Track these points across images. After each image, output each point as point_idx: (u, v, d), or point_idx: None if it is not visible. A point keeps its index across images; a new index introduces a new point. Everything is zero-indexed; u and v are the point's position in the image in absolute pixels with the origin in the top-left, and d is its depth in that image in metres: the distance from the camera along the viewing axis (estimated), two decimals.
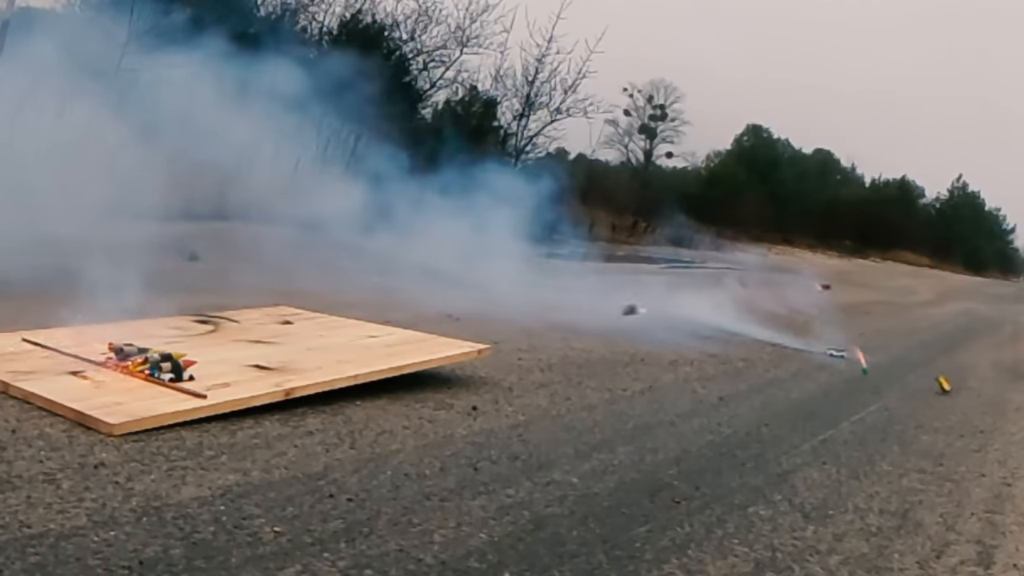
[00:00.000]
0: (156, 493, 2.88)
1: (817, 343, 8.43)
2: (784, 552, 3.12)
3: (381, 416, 4.14)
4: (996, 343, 12.21)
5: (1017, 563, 3.32)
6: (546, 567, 2.74)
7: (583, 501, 3.38)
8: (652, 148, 35.94)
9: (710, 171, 39.16)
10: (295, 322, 5.66)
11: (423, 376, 4.88)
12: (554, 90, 20.65)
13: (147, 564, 2.39)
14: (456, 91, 20.15)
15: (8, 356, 4.17)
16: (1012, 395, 7.41)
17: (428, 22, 17.92)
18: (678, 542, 3.09)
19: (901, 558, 3.21)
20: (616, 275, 14.15)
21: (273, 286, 7.38)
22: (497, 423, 4.34)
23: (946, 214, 44.28)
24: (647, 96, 35.14)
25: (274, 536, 2.68)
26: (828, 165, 42.50)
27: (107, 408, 3.53)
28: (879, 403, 6.21)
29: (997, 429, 5.83)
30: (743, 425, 5.00)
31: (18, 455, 3.06)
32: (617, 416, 4.83)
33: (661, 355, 6.99)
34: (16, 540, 2.41)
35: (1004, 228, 47.01)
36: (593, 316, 8.21)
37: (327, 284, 8.11)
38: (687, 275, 16.76)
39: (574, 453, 3.99)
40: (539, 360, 6.09)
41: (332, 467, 3.36)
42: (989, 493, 4.26)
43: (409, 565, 2.61)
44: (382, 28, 17.82)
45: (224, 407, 3.77)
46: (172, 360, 4.05)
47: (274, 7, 16.40)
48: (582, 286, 10.47)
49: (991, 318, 16.64)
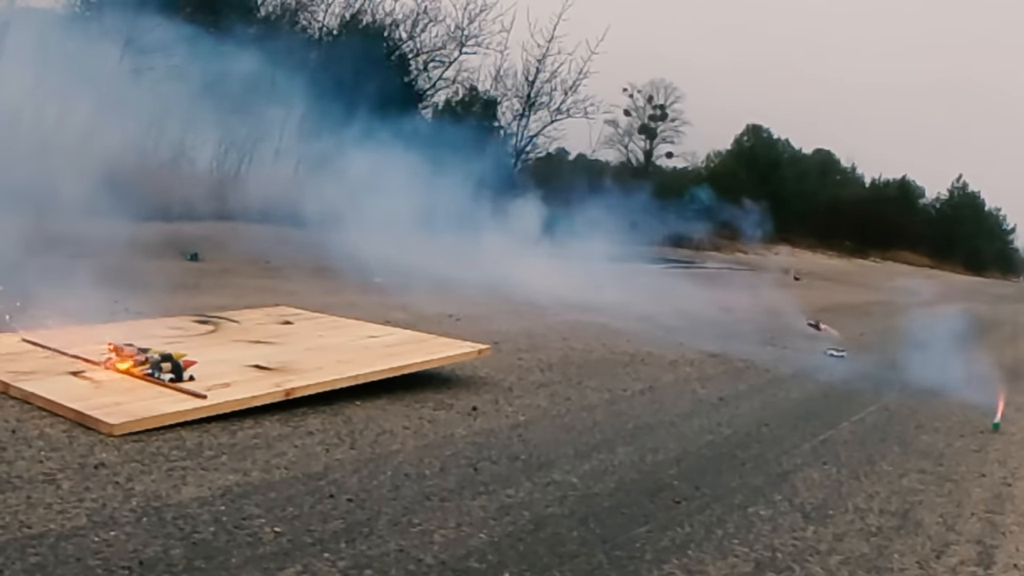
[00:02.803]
0: (156, 493, 2.88)
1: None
2: (784, 552, 3.12)
3: (381, 416, 4.14)
4: (996, 343, 12.20)
5: (1017, 563, 3.33)
6: (546, 567, 2.74)
7: (583, 501, 3.38)
8: (652, 148, 35.98)
9: (710, 171, 39.12)
10: (295, 322, 5.66)
11: (423, 376, 4.88)
12: (554, 90, 20.67)
13: (147, 564, 2.39)
14: (456, 91, 20.18)
15: (8, 356, 4.17)
16: (1012, 395, 7.40)
17: (428, 21, 17.94)
18: (678, 542, 3.09)
19: (901, 558, 3.21)
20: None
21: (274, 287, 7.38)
22: (497, 423, 4.34)
23: (946, 214, 44.23)
24: (647, 96, 35.18)
25: (274, 536, 2.68)
26: (828, 165, 42.45)
27: (107, 408, 3.53)
28: (879, 403, 6.21)
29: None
30: (743, 425, 5.00)
31: (18, 455, 3.06)
32: (617, 416, 4.83)
33: (661, 355, 6.99)
34: (16, 540, 2.41)
35: (1004, 228, 46.99)
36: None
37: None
38: (699, 275, 16.80)
39: (574, 453, 3.99)
40: (539, 360, 6.09)
41: (332, 467, 3.36)
42: (989, 493, 4.26)
43: (409, 565, 2.61)
44: (382, 28, 17.83)
45: (224, 407, 3.77)
46: (172, 360, 4.05)
47: (274, 7, 16.42)
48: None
49: (991, 318, 16.62)
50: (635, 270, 13.49)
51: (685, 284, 13.08)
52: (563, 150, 24.83)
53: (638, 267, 14.10)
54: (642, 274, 13.24)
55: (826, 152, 42.08)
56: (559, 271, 10.71)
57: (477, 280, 9.24)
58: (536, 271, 10.16)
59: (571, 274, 10.66)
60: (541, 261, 11.08)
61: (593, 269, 11.52)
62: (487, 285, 9.19)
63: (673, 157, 36.26)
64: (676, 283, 13.03)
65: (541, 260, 11.12)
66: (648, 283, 11.82)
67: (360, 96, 12.03)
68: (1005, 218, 46.51)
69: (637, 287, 10.89)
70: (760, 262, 22.73)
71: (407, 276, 8.92)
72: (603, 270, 11.71)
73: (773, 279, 15.98)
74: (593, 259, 11.93)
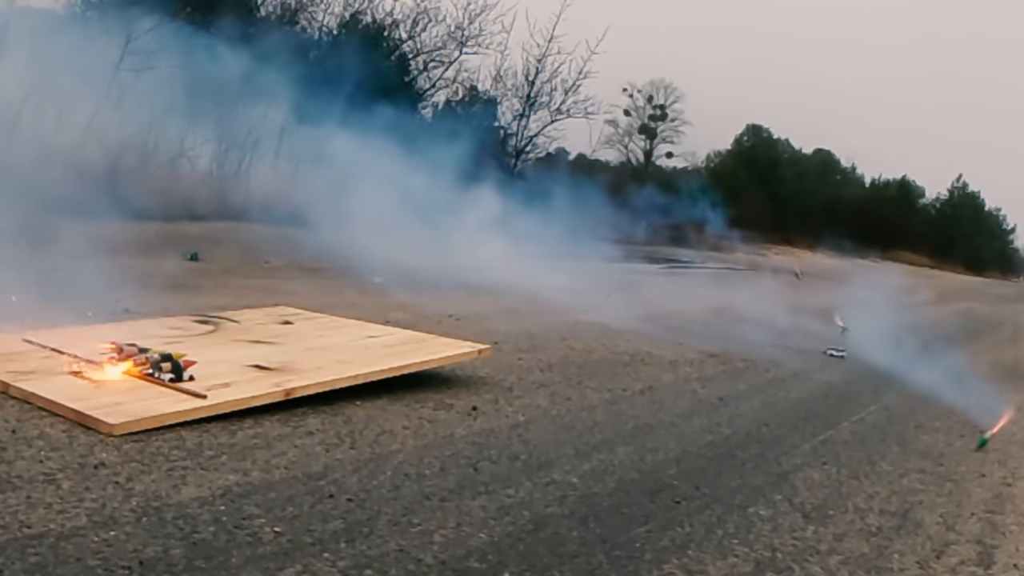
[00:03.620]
0: (156, 493, 2.88)
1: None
2: (784, 552, 3.12)
3: (381, 416, 4.14)
4: (996, 343, 12.20)
5: (1017, 563, 3.33)
6: (546, 567, 2.74)
7: (583, 501, 3.38)
8: (652, 148, 35.99)
9: (710, 171, 39.12)
10: (295, 322, 5.66)
11: (423, 376, 4.88)
12: (554, 90, 20.69)
13: (147, 564, 2.39)
14: (456, 91, 20.18)
15: (8, 356, 4.17)
16: (1012, 395, 7.40)
17: (428, 21, 17.94)
18: (678, 542, 3.09)
19: (901, 558, 3.21)
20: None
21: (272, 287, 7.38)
22: (497, 423, 4.34)
23: (946, 214, 44.22)
24: (647, 96, 35.19)
25: (274, 536, 2.68)
26: (828, 165, 42.47)
27: (107, 408, 3.53)
28: (879, 403, 6.21)
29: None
30: (743, 425, 5.00)
31: (18, 455, 3.06)
32: (617, 416, 4.83)
33: (661, 355, 6.98)
34: (16, 540, 2.41)
35: (1004, 228, 46.99)
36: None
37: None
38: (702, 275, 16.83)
39: (574, 453, 3.99)
40: (539, 360, 6.09)
41: (332, 467, 3.36)
42: (989, 493, 4.26)
43: (409, 565, 2.61)
44: (381, 28, 17.83)
45: (224, 407, 3.77)
46: (172, 360, 4.05)
47: (274, 7, 16.43)
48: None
49: (991, 318, 16.63)
50: (640, 272, 13.51)
51: (709, 288, 13.04)
52: (563, 150, 24.83)
53: (641, 269, 14.13)
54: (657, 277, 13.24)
55: (826, 152, 42.12)
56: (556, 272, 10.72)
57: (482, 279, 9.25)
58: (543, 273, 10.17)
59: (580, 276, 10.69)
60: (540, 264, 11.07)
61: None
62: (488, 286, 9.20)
63: (673, 157, 36.29)
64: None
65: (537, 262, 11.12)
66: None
67: (360, 96, 12.05)
68: (1005, 218, 46.55)
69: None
70: (760, 262, 22.71)
71: (405, 274, 8.93)
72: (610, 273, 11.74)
73: (776, 279, 15.94)
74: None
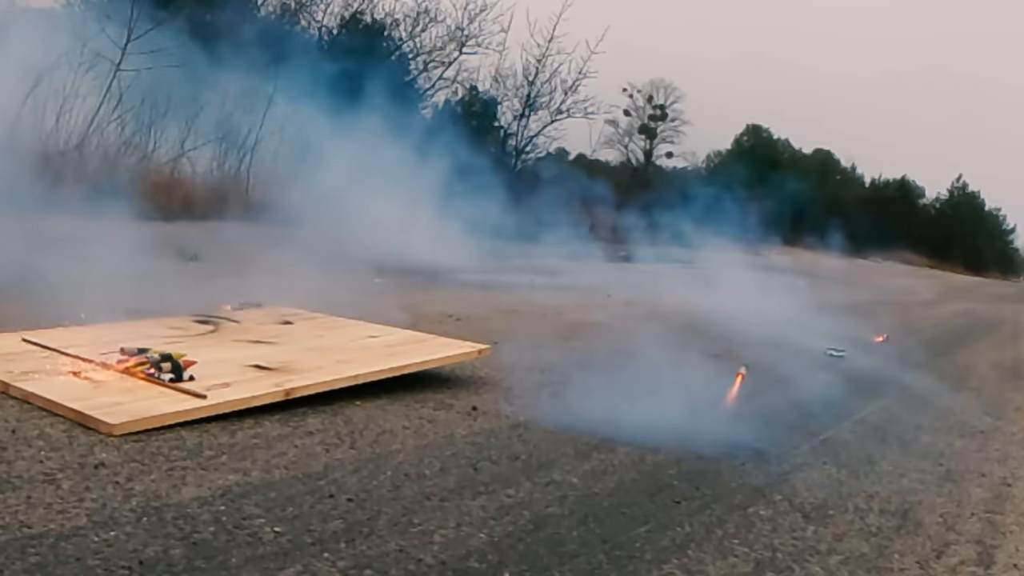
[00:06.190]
0: (156, 493, 2.88)
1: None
2: (784, 552, 3.12)
3: (381, 416, 4.14)
4: (996, 343, 12.20)
5: (1017, 563, 3.33)
6: (546, 567, 2.74)
7: (583, 501, 3.38)
8: (652, 148, 35.98)
9: (710, 171, 39.11)
10: (295, 322, 5.67)
11: (423, 376, 4.88)
12: (554, 90, 20.71)
13: (147, 564, 2.39)
14: (456, 91, 20.19)
15: (8, 356, 4.17)
16: (1012, 395, 7.41)
17: (428, 20, 17.96)
18: (678, 542, 3.09)
19: (901, 558, 3.21)
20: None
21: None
22: (497, 423, 4.34)
23: (946, 214, 44.26)
24: (647, 96, 35.17)
25: (274, 536, 2.68)
26: (828, 165, 42.49)
27: (107, 408, 3.53)
28: (879, 403, 6.21)
29: (997, 429, 5.83)
30: (743, 425, 4.99)
31: (18, 455, 3.06)
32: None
33: (661, 355, 6.97)
34: (16, 540, 2.41)
35: (1004, 228, 47.01)
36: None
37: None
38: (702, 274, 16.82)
39: (574, 453, 3.99)
40: (539, 360, 6.09)
41: (332, 467, 3.36)
42: (989, 493, 4.26)
43: (409, 565, 2.61)
44: (381, 28, 17.84)
45: (224, 407, 3.77)
46: (172, 360, 4.05)
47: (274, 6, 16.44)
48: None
49: (991, 318, 16.62)
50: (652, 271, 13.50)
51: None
52: (563, 150, 24.85)
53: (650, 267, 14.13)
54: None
55: (826, 152, 42.15)
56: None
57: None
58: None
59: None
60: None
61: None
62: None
63: (673, 157, 36.29)
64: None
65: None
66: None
67: (359, 95, 12.06)
68: (1005, 218, 46.60)
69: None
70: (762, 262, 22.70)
71: (405, 274, 8.93)
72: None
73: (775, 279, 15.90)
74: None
